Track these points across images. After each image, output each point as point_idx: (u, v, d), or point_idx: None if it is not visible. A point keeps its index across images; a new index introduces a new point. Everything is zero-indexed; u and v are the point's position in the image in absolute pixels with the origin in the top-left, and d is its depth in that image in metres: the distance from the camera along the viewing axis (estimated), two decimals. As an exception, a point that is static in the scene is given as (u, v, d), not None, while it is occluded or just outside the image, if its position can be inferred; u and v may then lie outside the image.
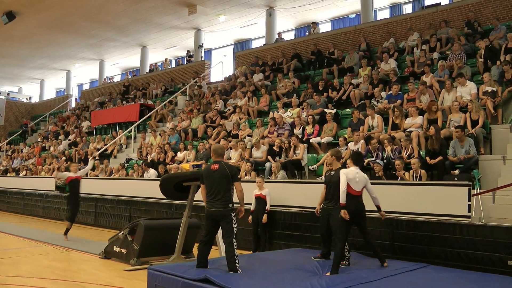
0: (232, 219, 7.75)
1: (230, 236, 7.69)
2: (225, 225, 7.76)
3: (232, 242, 7.65)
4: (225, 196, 7.79)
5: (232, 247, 7.62)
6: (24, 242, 13.35)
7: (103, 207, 16.91)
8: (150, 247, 10.17)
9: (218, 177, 7.84)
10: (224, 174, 7.83)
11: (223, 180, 7.82)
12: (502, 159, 10.75)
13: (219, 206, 7.75)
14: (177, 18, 27.56)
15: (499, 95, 12.60)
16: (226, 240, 7.72)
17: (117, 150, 22.28)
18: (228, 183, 7.84)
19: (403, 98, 14.39)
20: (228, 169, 7.90)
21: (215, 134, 17.74)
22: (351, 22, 26.49)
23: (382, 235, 9.71)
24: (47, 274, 9.11)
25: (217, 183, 7.84)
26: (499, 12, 17.34)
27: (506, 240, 8.16)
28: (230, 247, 7.63)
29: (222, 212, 7.74)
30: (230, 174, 7.85)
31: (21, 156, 28.12)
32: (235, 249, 7.63)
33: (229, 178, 7.82)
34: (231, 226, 7.72)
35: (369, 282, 7.18)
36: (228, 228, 7.73)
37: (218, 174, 7.86)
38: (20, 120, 37.96)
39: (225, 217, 7.73)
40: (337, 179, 8.76)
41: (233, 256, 7.56)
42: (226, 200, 7.77)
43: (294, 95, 17.86)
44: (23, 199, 21.85)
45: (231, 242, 7.65)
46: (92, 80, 42.72)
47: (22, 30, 29.44)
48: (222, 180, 7.82)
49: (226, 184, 7.83)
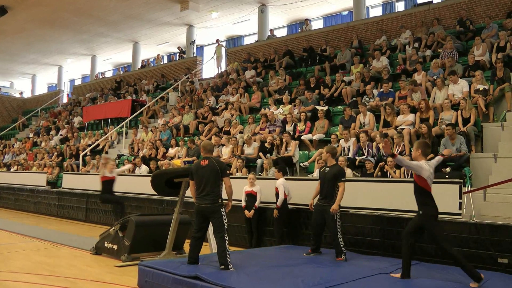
0: (222, 214, 7.80)
1: (221, 231, 7.73)
2: (215, 220, 7.81)
3: (224, 237, 7.68)
4: (214, 191, 7.84)
5: (223, 242, 7.65)
6: (15, 238, 13.29)
7: (94, 203, 16.85)
8: (141, 243, 10.15)
9: (208, 172, 7.89)
10: (213, 169, 7.88)
11: (212, 175, 7.86)
12: (493, 157, 10.78)
13: (208, 201, 7.81)
14: (169, 14, 27.54)
15: (491, 93, 12.63)
16: (217, 235, 7.76)
17: (108, 146, 22.21)
18: (217, 178, 7.89)
19: (395, 96, 14.42)
20: (217, 164, 7.96)
21: (206, 131, 17.72)
22: (343, 19, 26.52)
23: (373, 232, 9.74)
24: (38, 269, 9.08)
25: (207, 178, 7.88)
26: (491, 10, 17.42)
27: (497, 237, 8.20)
28: (222, 242, 7.66)
29: (211, 207, 7.79)
30: (220, 169, 7.90)
31: (12, 151, 27.99)
32: (226, 244, 7.67)
33: (219, 173, 7.88)
34: (221, 221, 7.76)
35: (362, 278, 7.20)
36: (218, 223, 7.77)
37: (208, 169, 7.90)
38: (12, 115, 37.84)
39: (214, 213, 7.79)
40: (331, 176, 8.81)
41: (225, 251, 7.60)
42: (215, 196, 7.83)
43: (286, 92, 17.88)
44: (14, 194, 21.76)
45: (223, 237, 7.68)
46: (84, 75, 42.67)
47: (14, 25, 29.33)
48: (211, 175, 7.87)
49: (215, 180, 7.88)
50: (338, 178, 8.85)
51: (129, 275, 8.68)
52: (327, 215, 8.79)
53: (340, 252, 8.73)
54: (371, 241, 9.74)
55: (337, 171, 8.92)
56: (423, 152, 7.46)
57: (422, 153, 7.44)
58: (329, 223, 8.82)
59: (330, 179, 8.85)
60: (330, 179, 8.85)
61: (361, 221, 9.96)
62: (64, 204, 18.38)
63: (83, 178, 18.87)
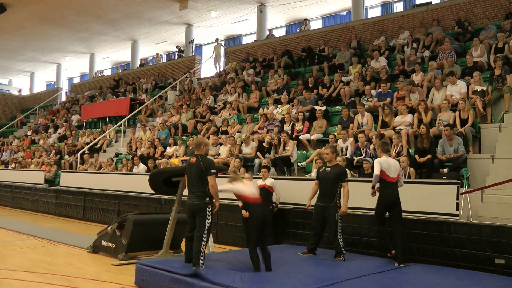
0: (207, 213, 7.72)
1: (200, 230, 7.66)
2: (198, 218, 7.74)
3: (201, 237, 7.59)
4: (201, 189, 7.78)
5: (199, 243, 7.57)
6: (13, 236, 13.28)
7: (92, 201, 16.84)
8: (138, 242, 10.15)
9: (195, 170, 7.86)
10: (199, 168, 7.82)
11: (198, 173, 7.81)
12: (490, 158, 10.80)
13: (195, 199, 7.78)
14: (168, 13, 27.54)
15: (489, 94, 12.65)
16: (196, 234, 7.67)
17: (106, 144, 22.22)
18: (203, 176, 7.79)
19: (393, 96, 14.43)
20: (202, 162, 7.86)
21: (204, 130, 17.73)
22: (342, 20, 26.52)
23: (370, 233, 9.75)
24: (35, 267, 9.08)
25: (194, 176, 7.86)
26: (490, 12, 17.43)
27: (494, 238, 8.21)
28: (198, 242, 7.59)
29: (197, 205, 7.75)
30: (204, 167, 7.79)
31: (10, 148, 27.97)
32: (202, 245, 7.58)
33: (203, 171, 7.78)
34: (204, 221, 7.69)
35: (358, 278, 7.23)
36: (200, 222, 7.70)
37: (194, 167, 7.88)
38: (10, 112, 37.81)
39: (200, 211, 7.72)
40: (333, 176, 8.84)
41: (199, 252, 7.54)
42: (201, 194, 7.77)
43: (284, 91, 17.88)
44: (12, 192, 21.73)
45: (200, 237, 7.60)
46: (83, 73, 42.59)
47: (13, 22, 29.29)
48: (197, 173, 7.82)
49: (201, 178, 7.79)
50: (342, 178, 8.88)
51: (126, 273, 8.68)
52: (327, 215, 8.81)
53: (340, 252, 8.75)
54: (368, 241, 9.76)
55: (340, 171, 8.95)
56: (382, 150, 9.01)
57: (382, 151, 9.01)
58: (330, 223, 8.84)
59: (333, 179, 8.87)
60: (332, 179, 8.87)
61: (359, 221, 9.97)
62: (61, 202, 18.36)
63: (81, 176, 18.87)
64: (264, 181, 11.03)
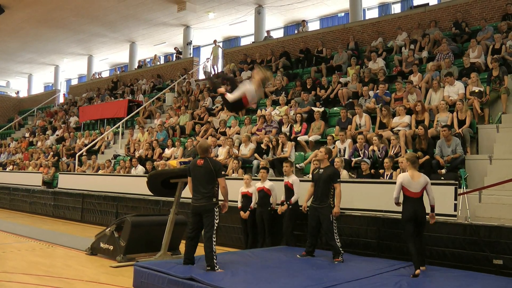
0: (215, 214, 7.87)
1: (209, 231, 7.82)
2: (206, 219, 7.87)
3: (211, 238, 7.77)
4: (209, 191, 7.91)
5: (210, 243, 7.74)
6: (10, 238, 13.28)
7: (90, 203, 16.84)
8: (136, 244, 10.15)
9: (203, 172, 7.97)
10: (208, 169, 7.95)
11: (207, 175, 7.95)
12: (488, 159, 10.82)
13: (203, 201, 7.88)
14: (166, 14, 27.53)
15: (487, 95, 12.67)
16: (206, 234, 7.83)
17: (104, 146, 22.21)
18: (212, 178, 7.96)
19: (391, 97, 14.44)
20: (212, 164, 8.02)
21: (203, 131, 17.73)
22: (340, 21, 26.53)
23: (368, 234, 9.76)
24: (33, 270, 9.07)
25: (201, 178, 7.97)
26: (487, 13, 17.46)
27: (492, 239, 8.24)
28: (209, 242, 7.75)
29: (205, 206, 7.87)
30: (214, 170, 7.96)
31: (8, 150, 27.93)
32: (213, 245, 7.76)
33: (213, 173, 7.94)
34: (213, 221, 7.84)
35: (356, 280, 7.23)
36: (209, 222, 7.84)
37: (203, 169, 7.98)
38: (8, 114, 37.77)
39: (208, 212, 7.86)
40: (326, 177, 8.86)
41: (211, 252, 7.69)
42: (210, 195, 7.90)
43: (283, 93, 17.88)
44: (10, 194, 21.73)
45: (210, 237, 7.77)
46: (81, 75, 42.61)
47: (10, 24, 29.26)
48: (206, 175, 7.95)
49: (210, 180, 7.95)
50: (334, 179, 8.90)
51: (124, 275, 8.69)
52: (322, 217, 8.82)
53: (338, 253, 8.76)
54: (366, 242, 9.77)
55: (332, 172, 8.98)
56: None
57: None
58: (324, 225, 8.85)
59: (325, 180, 8.89)
60: (325, 180, 8.90)
61: (357, 222, 9.98)
62: (59, 204, 18.37)
63: (79, 178, 18.85)
64: (263, 183, 11.06)
